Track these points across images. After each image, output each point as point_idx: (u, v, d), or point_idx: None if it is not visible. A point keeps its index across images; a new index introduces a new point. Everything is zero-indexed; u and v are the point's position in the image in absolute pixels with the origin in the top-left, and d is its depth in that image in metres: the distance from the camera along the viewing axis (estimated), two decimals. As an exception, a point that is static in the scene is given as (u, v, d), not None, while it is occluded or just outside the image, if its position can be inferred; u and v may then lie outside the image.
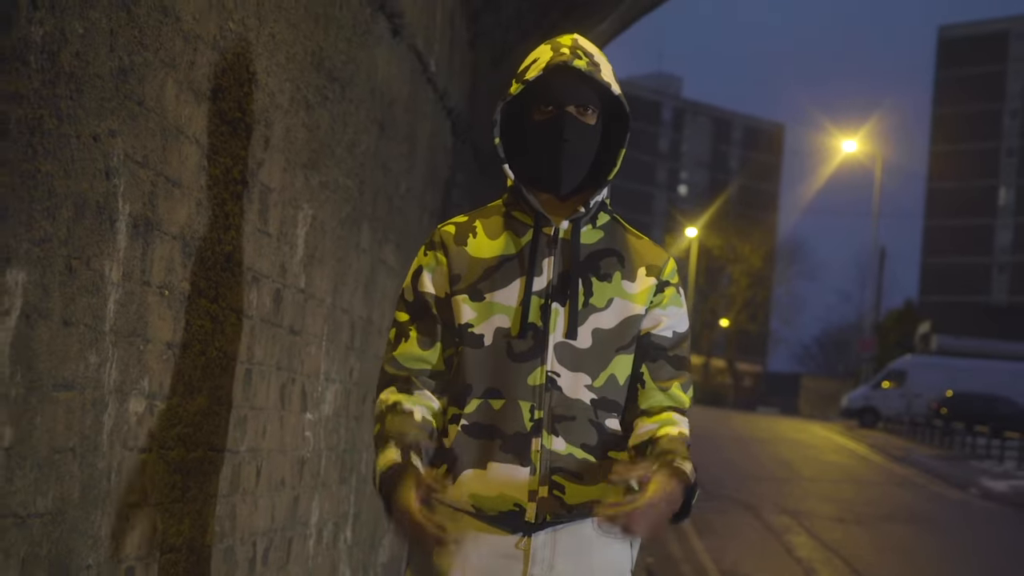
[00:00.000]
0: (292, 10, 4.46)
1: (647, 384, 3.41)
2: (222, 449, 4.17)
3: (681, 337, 3.46)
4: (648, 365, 3.42)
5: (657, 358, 3.43)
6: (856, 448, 38.40)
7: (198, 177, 3.77)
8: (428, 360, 3.38)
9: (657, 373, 3.43)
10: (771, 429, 45.54)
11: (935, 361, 57.31)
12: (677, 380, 3.44)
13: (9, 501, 2.86)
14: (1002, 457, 35.53)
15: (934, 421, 45.07)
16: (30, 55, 2.77)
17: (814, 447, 37.26)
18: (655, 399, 3.41)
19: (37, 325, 2.91)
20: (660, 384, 3.42)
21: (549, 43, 3.45)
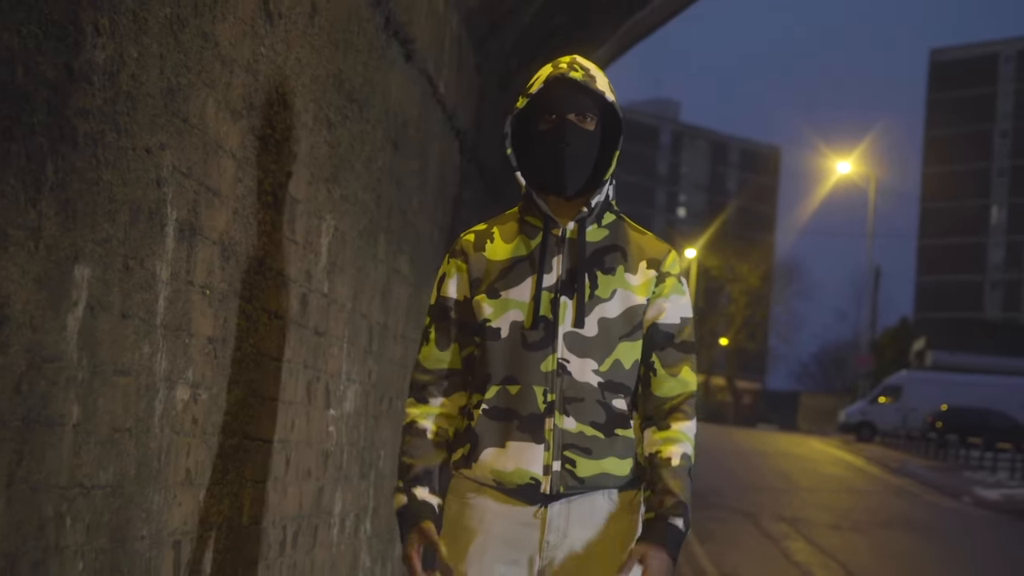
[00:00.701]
0: (315, 36, 4.76)
1: (658, 372, 3.69)
2: (256, 438, 4.45)
3: (686, 323, 3.74)
4: (657, 354, 3.70)
5: (665, 346, 3.70)
6: (853, 461, 38.56)
7: (234, 188, 4.06)
8: (444, 359, 3.68)
9: (666, 360, 3.70)
10: (770, 443, 45.69)
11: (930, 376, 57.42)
12: (686, 364, 3.72)
13: (76, 473, 3.15)
14: (995, 468, 35.70)
15: (929, 434, 45.22)
16: (94, 76, 3.06)
17: (812, 460, 37.42)
18: (666, 386, 3.68)
19: (99, 316, 3.20)
20: (670, 371, 3.70)
21: (551, 63, 3.75)
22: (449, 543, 3.67)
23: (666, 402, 3.68)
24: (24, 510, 2.90)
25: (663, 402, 3.68)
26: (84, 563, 3.23)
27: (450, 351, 3.68)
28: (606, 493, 3.65)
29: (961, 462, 39.06)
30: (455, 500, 3.71)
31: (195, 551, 3.98)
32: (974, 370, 58.90)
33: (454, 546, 3.66)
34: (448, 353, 3.68)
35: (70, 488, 3.12)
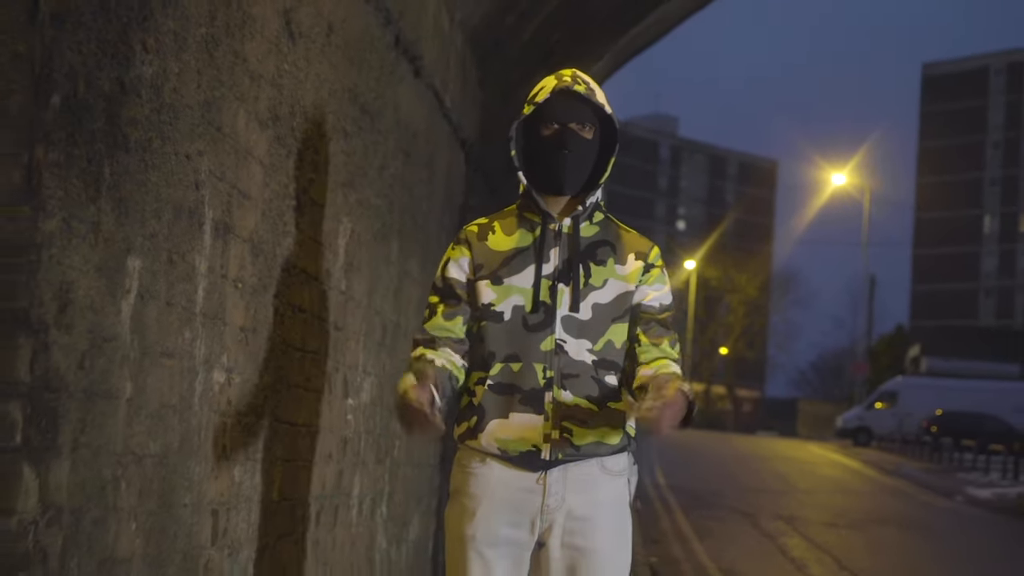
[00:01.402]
0: (332, 54, 5.09)
1: (643, 343, 4.02)
2: (284, 421, 4.77)
3: (667, 307, 4.07)
4: (642, 328, 4.03)
5: (649, 322, 4.04)
6: (850, 464, 38.76)
7: (262, 191, 4.39)
8: (451, 329, 4.00)
9: (650, 333, 4.03)
10: (769, 448, 45.90)
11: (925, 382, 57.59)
12: (667, 338, 4.05)
13: (129, 442, 3.48)
14: (987, 469, 35.92)
15: (924, 438, 45.45)
16: (142, 89, 3.40)
17: (810, 463, 37.63)
18: (651, 353, 4.01)
19: (148, 303, 3.53)
20: (653, 341, 4.02)
21: (554, 75, 4.09)
22: (456, 509, 3.99)
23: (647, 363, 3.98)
24: (87, 472, 3.23)
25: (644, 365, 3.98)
26: (136, 524, 3.55)
27: (454, 323, 3.99)
28: (599, 461, 3.97)
29: (955, 464, 39.25)
30: (460, 471, 4.03)
31: (230, 521, 4.31)
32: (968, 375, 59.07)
33: (461, 511, 3.98)
34: (453, 324, 3.99)
35: (124, 455, 3.45)
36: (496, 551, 3.94)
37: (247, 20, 4.11)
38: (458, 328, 4.00)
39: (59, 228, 3.00)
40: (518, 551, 3.96)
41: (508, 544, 3.95)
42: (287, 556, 4.91)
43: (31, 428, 2.94)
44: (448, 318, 4.02)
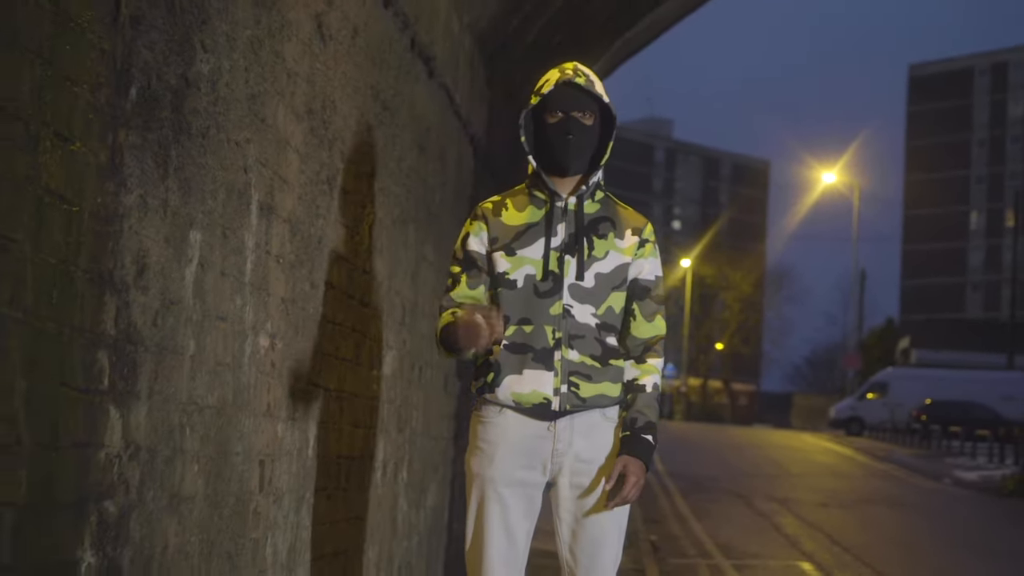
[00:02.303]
0: (356, 55, 5.48)
1: (637, 318, 4.42)
2: (319, 385, 5.16)
3: (659, 280, 4.47)
4: (637, 303, 4.43)
5: (644, 298, 4.43)
6: (842, 451, 39.08)
7: (299, 177, 4.78)
8: (475, 297, 4.39)
9: (644, 309, 4.43)
10: (764, 438, 46.24)
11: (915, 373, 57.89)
12: (659, 313, 4.45)
13: (192, 394, 3.87)
14: (974, 454, 36.29)
15: (914, 426, 45.79)
16: (201, 83, 3.79)
17: (803, 451, 37.97)
18: (644, 328, 4.41)
19: (207, 272, 3.92)
20: (647, 317, 4.43)
21: (557, 68, 4.49)
22: (476, 454, 4.39)
23: (643, 342, 4.41)
24: (159, 416, 3.62)
25: (641, 342, 4.41)
26: (199, 466, 3.94)
27: (478, 291, 4.39)
28: (602, 411, 4.37)
29: (943, 450, 39.59)
30: (479, 421, 4.42)
31: (275, 471, 4.70)
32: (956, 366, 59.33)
33: (481, 456, 4.38)
34: (477, 292, 4.38)
35: (188, 405, 3.84)
36: (512, 491, 4.33)
37: (285, 24, 4.50)
38: (481, 295, 4.39)
39: (136, 202, 3.39)
40: (532, 490, 4.35)
41: (523, 484, 4.34)
42: (321, 508, 5.30)
43: (116, 374, 3.33)
44: (472, 287, 4.41)
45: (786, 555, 13.68)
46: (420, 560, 7.34)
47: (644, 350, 4.42)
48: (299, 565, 5.02)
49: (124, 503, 3.42)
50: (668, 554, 13.27)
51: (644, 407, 4.36)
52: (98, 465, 3.27)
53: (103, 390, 3.27)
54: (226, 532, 4.20)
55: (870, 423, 52.47)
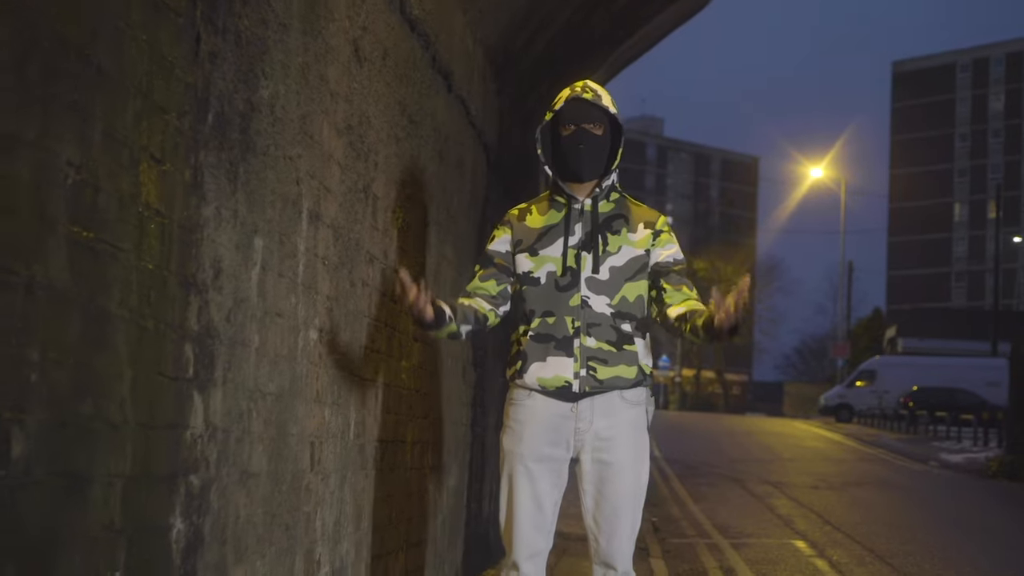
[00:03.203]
0: (387, 74, 5.86)
1: (668, 289, 4.79)
2: (358, 375, 5.55)
3: (679, 261, 4.85)
4: (664, 279, 4.80)
5: (668, 273, 4.81)
6: (832, 437, 39.37)
7: (340, 186, 5.17)
8: (484, 287, 4.82)
9: (671, 281, 4.79)
10: (757, 426, 46.53)
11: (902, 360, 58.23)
12: (684, 285, 4.83)
13: (257, 382, 4.25)
14: (960, 437, 36.66)
15: (901, 412, 46.16)
16: (263, 107, 4.18)
17: (795, 437, 38.27)
18: (677, 296, 4.79)
19: (268, 274, 4.31)
20: (675, 287, 4.80)
21: (568, 87, 4.89)
22: (508, 433, 4.79)
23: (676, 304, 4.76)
24: (231, 401, 4.01)
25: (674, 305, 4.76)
26: (263, 446, 4.33)
27: (488, 283, 4.82)
28: (619, 392, 4.76)
29: (930, 434, 39.97)
30: (510, 404, 4.83)
31: (323, 452, 5.09)
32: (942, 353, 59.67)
33: (512, 434, 4.78)
34: (489, 284, 4.81)
35: (254, 392, 4.23)
36: (540, 465, 4.73)
37: (328, 50, 4.89)
38: (490, 286, 4.82)
39: (213, 214, 3.78)
40: (557, 465, 4.76)
41: (549, 460, 4.74)
42: (360, 485, 5.69)
43: (198, 364, 3.73)
44: (484, 280, 4.84)
45: (780, 534, 14.00)
46: (444, 536, 7.73)
47: (683, 300, 4.76)
48: (343, 537, 5.41)
49: (205, 477, 3.81)
50: (668, 534, 13.62)
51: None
52: (185, 444, 3.66)
53: (189, 378, 3.66)
54: (284, 505, 4.59)
55: (859, 410, 52.81)
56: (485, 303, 4.83)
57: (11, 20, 2.62)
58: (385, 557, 6.17)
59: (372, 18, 5.47)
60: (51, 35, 2.77)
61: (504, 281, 4.85)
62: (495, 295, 4.84)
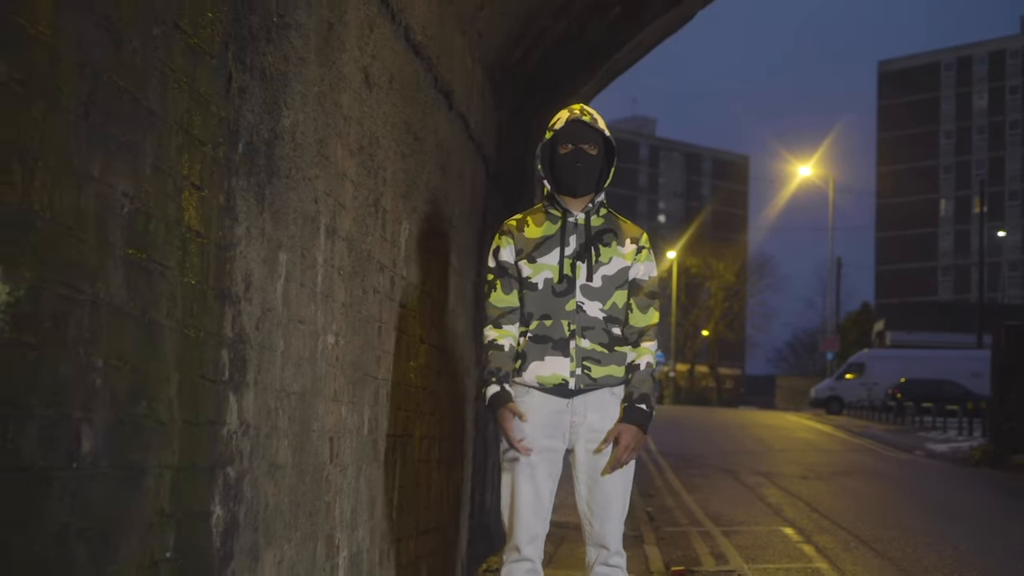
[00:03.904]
0: (394, 96, 6.21)
1: (635, 311, 5.18)
2: (370, 375, 5.90)
3: (653, 279, 5.22)
4: (634, 299, 5.18)
5: (639, 294, 5.19)
6: (822, 428, 39.63)
7: (353, 202, 5.52)
8: (510, 301, 5.16)
9: (640, 304, 5.19)
10: (749, 419, 46.79)
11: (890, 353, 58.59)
12: (651, 306, 5.21)
13: (282, 383, 4.60)
14: (945, 427, 37.02)
15: (889, 403, 46.51)
16: (285, 134, 4.53)
17: (785, 429, 38.54)
18: (640, 319, 5.17)
19: (290, 284, 4.66)
20: (642, 310, 5.18)
21: (567, 109, 5.24)
22: None
23: (639, 330, 5.17)
24: (260, 402, 4.36)
25: (637, 330, 5.17)
26: (287, 441, 4.68)
27: (512, 296, 5.15)
28: (610, 389, 5.12)
29: (917, 425, 40.32)
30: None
31: (340, 446, 5.43)
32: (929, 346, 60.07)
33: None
34: (512, 297, 5.15)
35: (280, 392, 4.58)
36: (539, 456, 5.08)
37: (341, 78, 5.23)
38: (514, 299, 5.16)
39: (244, 233, 4.13)
40: (554, 455, 5.11)
41: (547, 451, 5.10)
42: (374, 476, 6.04)
43: (233, 368, 4.08)
44: (507, 292, 5.17)
45: (770, 521, 14.32)
46: (450, 525, 8.09)
47: (639, 336, 5.17)
48: (359, 524, 5.77)
49: (240, 469, 4.16)
50: (663, 523, 13.95)
51: (639, 382, 5.11)
52: (222, 439, 4.01)
53: (225, 380, 4.01)
54: (308, 495, 4.94)
55: (848, 402, 53.15)
56: (513, 327, 5.17)
57: (79, 75, 2.97)
58: (397, 543, 6.53)
59: (380, 46, 5.82)
60: (109, 84, 3.12)
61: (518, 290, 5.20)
62: (517, 307, 5.19)
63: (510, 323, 5.15)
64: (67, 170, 2.92)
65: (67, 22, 2.91)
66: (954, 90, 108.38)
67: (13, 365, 2.72)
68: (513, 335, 5.14)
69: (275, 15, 4.36)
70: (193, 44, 3.67)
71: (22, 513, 2.79)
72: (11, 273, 2.69)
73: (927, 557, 11.39)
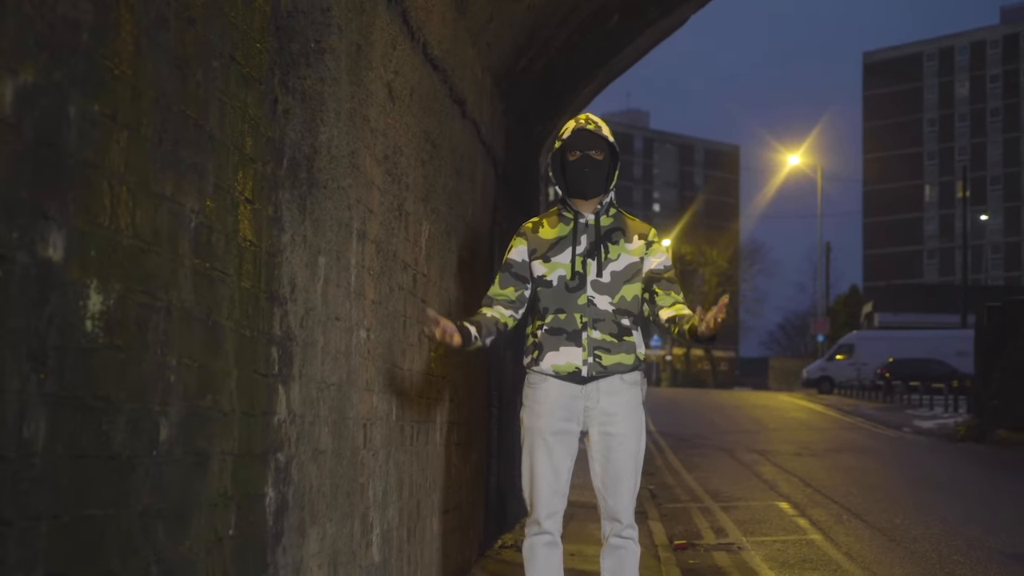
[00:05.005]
0: (414, 107, 6.48)
1: (659, 293, 5.42)
2: (399, 366, 6.18)
3: (669, 267, 5.49)
4: (655, 284, 5.43)
5: (659, 279, 5.45)
6: (813, 407, 39.88)
7: (380, 207, 5.79)
8: (503, 293, 5.44)
9: (661, 286, 5.43)
10: (744, 399, 47.06)
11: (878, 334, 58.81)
12: (673, 289, 5.47)
13: (324, 375, 4.88)
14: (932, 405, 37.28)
15: (878, 382, 46.76)
16: (322, 148, 4.80)
17: (779, 408, 38.80)
18: (666, 299, 5.43)
19: (329, 285, 4.94)
20: (665, 291, 5.43)
21: (574, 119, 5.52)
22: (528, 411, 5.42)
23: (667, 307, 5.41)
24: (305, 392, 4.64)
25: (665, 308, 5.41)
26: (328, 429, 4.97)
27: (507, 289, 5.43)
28: (620, 376, 5.39)
29: (905, 403, 40.58)
30: (529, 387, 5.45)
31: (372, 432, 5.72)
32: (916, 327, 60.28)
33: (531, 412, 5.40)
34: (505, 290, 5.43)
35: (321, 383, 4.86)
36: (556, 438, 5.37)
37: (369, 94, 5.51)
38: (509, 292, 5.44)
39: (289, 240, 4.41)
40: (570, 437, 5.39)
41: (563, 433, 5.38)
42: (401, 460, 6.32)
43: (282, 363, 4.36)
44: (503, 286, 5.46)
45: (766, 497, 14.60)
46: (468, 504, 8.37)
47: (672, 303, 5.41)
48: (389, 504, 6.05)
49: (288, 454, 4.44)
50: (664, 500, 14.24)
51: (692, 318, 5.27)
52: (274, 427, 4.29)
53: (275, 374, 4.29)
54: (346, 477, 5.23)
55: (839, 381, 53.35)
56: (504, 309, 5.46)
57: (153, 106, 3.25)
58: (422, 521, 6.81)
59: (401, 63, 6.09)
60: (178, 114, 3.40)
61: (521, 287, 5.47)
62: (514, 299, 5.47)
63: (499, 305, 5.43)
64: (145, 192, 3.20)
65: (145, 62, 3.18)
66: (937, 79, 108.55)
67: (108, 366, 3.00)
68: (501, 314, 5.42)
69: (312, 41, 4.63)
70: (245, 73, 3.95)
71: (113, 495, 3.07)
72: (104, 285, 2.97)
73: (915, 527, 11.67)
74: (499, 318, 5.43)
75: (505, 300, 5.47)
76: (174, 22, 3.38)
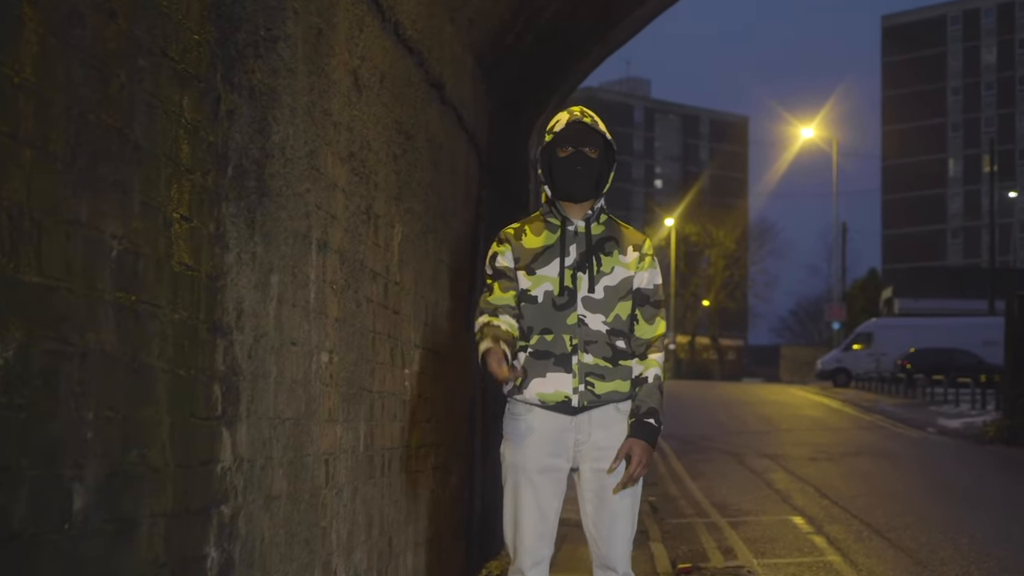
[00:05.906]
0: (384, 96, 6.21)
1: (640, 322, 5.19)
2: (365, 389, 5.92)
3: (658, 287, 5.23)
4: (640, 309, 5.19)
5: (644, 304, 5.20)
6: (829, 403, 39.70)
7: (344, 212, 5.53)
8: (507, 300, 5.15)
9: (645, 314, 5.19)
10: (754, 394, 46.87)
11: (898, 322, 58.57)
12: (658, 316, 5.22)
13: (277, 410, 4.62)
14: (957, 400, 37.03)
15: (899, 375, 46.56)
16: (275, 151, 4.53)
17: (791, 405, 38.61)
18: (647, 331, 5.18)
19: (283, 306, 4.67)
20: (648, 321, 5.20)
21: (567, 111, 5.24)
22: (510, 445, 5.15)
23: (645, 342, 5.17)
24: (255, 432, 4.38)
25: (644, 342, 5.17)
26: (283, 470, 4.71)
27: (509, 295, 5.13)
28: (615, 405, 5.13)
29: (928, 398, 40.37)
30: (512, 419, 5.18)
31: (336, 468, 5.46)
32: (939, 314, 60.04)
33: (514, 447, 5.14)
34: (509, 296, 5.13)
35: (274, 419, 4.60)
36: (542, 476, 5.10)
37: (331, 84, 5.24)
38: (512, 299, 5.16)
39: (235, 259, 4.15)
40: (558, 475, 5.13)
41: (551, 470, 5.11)
42: (370, 495, 6.07)
43: (226, 402, 4.09)
44: (505, 291, 5.17)
45: (778, 510, 14.39)
46: (447, 533, 8.13)
47: (646, 348, 5.18)
48: (356, 546, 5.80)
49: (234, 506, 4.18)
50: (667, 514, 14.02)
51: (646, 396, 5.13)
52: (216, 477, 4.03)
53: (217, 416, 4.03)
54: (303, 523, 4.97)
55: (856, 373, 53.15)
56: (512, 319, 5.17)
57: (64, 117, 2.97)
58: (394, 559, 6.56)
59: (370, 46, 5.82)
60: (95, 124, 3.13)
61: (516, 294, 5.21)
62: (516, 307, 5.21)
63: (503, 314, 5.10)
64: (54, 220, 2.93)
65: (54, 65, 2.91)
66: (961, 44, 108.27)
67: (5, 429, 2.73)
68: (511, 325, 5.09)
69: (262, 29, 4.36)
70: (180, 70, 3.68)
71: (15, 580, 2.81)
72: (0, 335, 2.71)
73: (943, 547, 11.45)
74: (512, 331, 5.14)
75: (508, 307, 5.18)
76: (91, 17, 3.11)
